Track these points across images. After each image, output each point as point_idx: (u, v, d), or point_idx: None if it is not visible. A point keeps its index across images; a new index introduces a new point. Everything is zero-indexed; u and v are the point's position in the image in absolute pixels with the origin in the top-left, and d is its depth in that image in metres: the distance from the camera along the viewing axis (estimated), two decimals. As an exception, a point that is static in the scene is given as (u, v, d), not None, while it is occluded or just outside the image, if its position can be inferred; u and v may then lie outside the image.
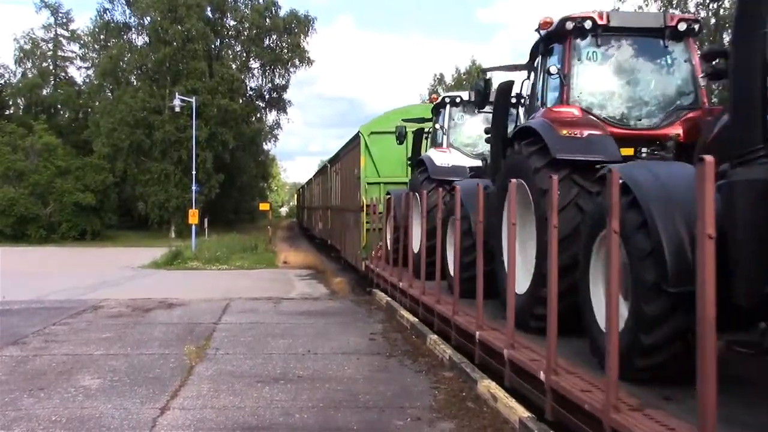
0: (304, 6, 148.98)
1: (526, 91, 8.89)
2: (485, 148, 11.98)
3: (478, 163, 11.81)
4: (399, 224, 13.30)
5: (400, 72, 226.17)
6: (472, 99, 12.06)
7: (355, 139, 19.71)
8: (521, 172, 7.26)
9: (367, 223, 17.53)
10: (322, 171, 33.56)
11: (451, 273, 9.40)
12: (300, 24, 51.59)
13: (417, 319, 10.89)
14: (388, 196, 15.34)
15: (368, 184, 18.19)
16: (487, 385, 6.82)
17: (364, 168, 18.26)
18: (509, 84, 9.04)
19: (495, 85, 9.68)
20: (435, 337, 9.36)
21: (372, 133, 18.49)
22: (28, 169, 40.68)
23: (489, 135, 9.68)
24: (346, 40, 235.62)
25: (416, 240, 12.03)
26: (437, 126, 13.51)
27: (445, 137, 13.17)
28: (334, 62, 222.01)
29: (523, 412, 5.86)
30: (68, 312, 12.81)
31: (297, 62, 52.64)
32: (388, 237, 14.91)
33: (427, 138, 14.61)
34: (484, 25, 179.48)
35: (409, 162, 15.40)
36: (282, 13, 51.29)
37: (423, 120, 14.96)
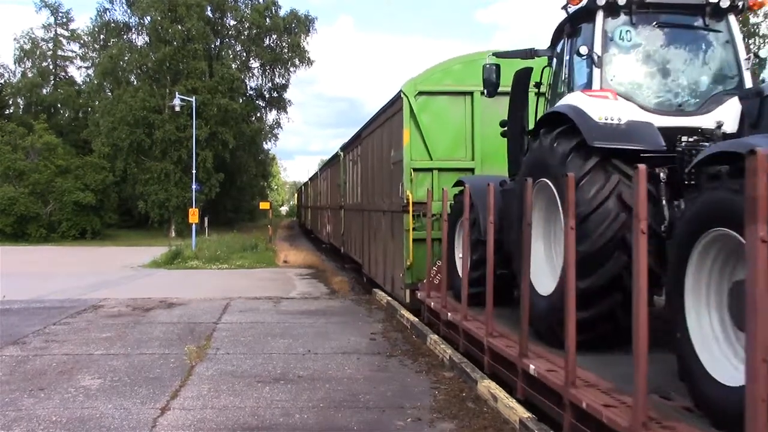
0: (304, 6, 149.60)
1: None
2: (666, 92, 6.88)
3: (677, 121, 6.52)
4: (502, 236, 8.33)
5: (400, 72, 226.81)
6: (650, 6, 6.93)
7: (395, 104, 13.28)
8: None
9: (414, 230, 12.01)
10: (331, 162, 28.50)
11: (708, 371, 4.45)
12: (300, 24, 51.58)
13: (417, 319, 10.86)
14: (462, 188, 9.53)
15: (414, 170, 12.33)
16: (487, 385, 6.82)
17: (408, 146, 12.31)
18: None
19: None
20: (435, 337, 9.34)
21: (420, 93, 12.40)
22: (28, 169, 40.66)
23: None
24: (346, 40, 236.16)
25: (552, 270, 6.99)
26: (582, 51, 6.93)
27: (598, 72, 6.85)
28: (334, 62, 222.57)
29: (523, 413, 5.86)
30: (68, 311, 12.81)
31: (297, 62, 52.68)
32: (459, 256, 9.72)
33: (537, 87, 8.68)
34: (483, 26, 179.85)
35: (503, 127, 9.19)
36: (282, 12, 51.35)
37: (530, 53, 8.53)
